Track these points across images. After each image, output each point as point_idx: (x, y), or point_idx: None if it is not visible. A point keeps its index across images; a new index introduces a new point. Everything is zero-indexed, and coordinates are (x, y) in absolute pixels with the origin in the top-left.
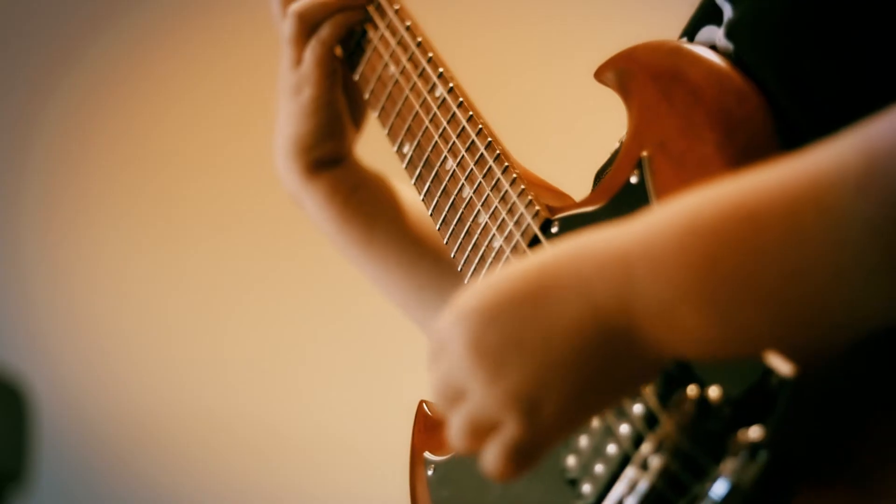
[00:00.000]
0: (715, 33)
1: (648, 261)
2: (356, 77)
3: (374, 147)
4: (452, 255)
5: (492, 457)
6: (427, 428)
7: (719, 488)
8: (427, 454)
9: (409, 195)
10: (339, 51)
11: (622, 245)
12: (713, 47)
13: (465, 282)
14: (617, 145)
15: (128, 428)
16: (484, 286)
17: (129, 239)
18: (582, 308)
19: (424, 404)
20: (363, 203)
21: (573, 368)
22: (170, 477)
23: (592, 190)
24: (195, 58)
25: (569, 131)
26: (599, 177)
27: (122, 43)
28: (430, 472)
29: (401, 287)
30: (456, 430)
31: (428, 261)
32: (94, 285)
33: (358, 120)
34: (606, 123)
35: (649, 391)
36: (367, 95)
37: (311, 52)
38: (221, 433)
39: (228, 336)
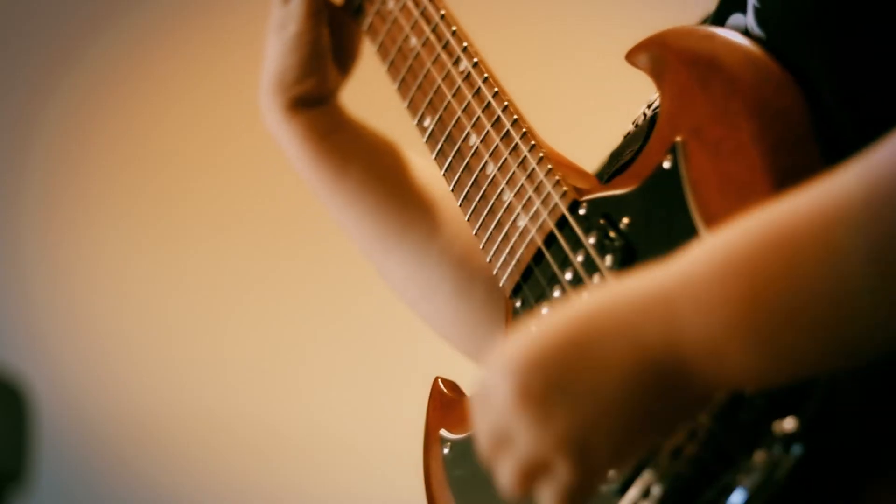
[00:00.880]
0: (744, 21)
1: (691, 299)
2: (365, 28)
3: (393, 121)
4: (474, 233)
5: (548, 499)
6: (443, 405)
7: (751, 480)
8: (443, 432)
9: (395, 147)
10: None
11: (663, 285)
12: (746, 34)
13: (487, 260)
14: (632, 127)
15: (128, 428)
16: (527, 336)
17: (129, 239)
18: (629, 351)
19: (440, 381)
20: (338, 145)
21: (623, 411)
22: (170, 477)
23: (609, 171)
24: (195, 58)
25: (569, 131)
26: (616, 158)
27: (122, 43)
28: (445, 451)
29: (365, 233)
30: (507, 475)
31: (395, 211)
32: (94, 285)
33: (345, 64)
34: (607, 123)
35: None
36: (386, 67)
37: None
38: (221, 433)
39: (228, 336)
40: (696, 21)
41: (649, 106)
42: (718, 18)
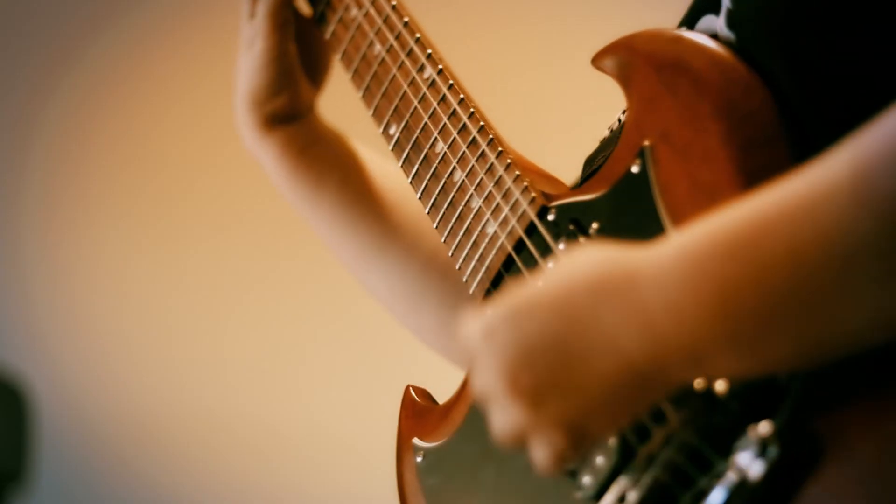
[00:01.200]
0: (715, 23)
1: (667, 311)
2: (328, 36)
3: (359, 128)
4: (443, 240)
5: (542, 458)
6: (415, 414)
7: (726, 484)
8: (416, 440)
9: (372, 159)
10: (307, 9)
11: (641, 293)
12: (714, 36)
13: (457, 267)
14: (607, 133)
15: (128, 428)
16: (513, 319)
17: (129, 239)
18: (611, 360)
19: (411, 389)
20: (315, 160)
21: (608, 406)
22: (170, 477)
23: (582, 177)
24: (195, 58)
25: (569, 132)
26: (590, 163)
27: (122, 43)
28: (419, 459)
29: (345, 247)
30: (500, 431)
31: (374, 224)
32: (94, 285)
33: (317, 77)
34: (607, 123)
35: None
36: (350, 75)
37: (262, 5)
38: (221, 433)
39: (228, 336)
40: (674, 24)
41: (624, 111)
42: (690, 20)
